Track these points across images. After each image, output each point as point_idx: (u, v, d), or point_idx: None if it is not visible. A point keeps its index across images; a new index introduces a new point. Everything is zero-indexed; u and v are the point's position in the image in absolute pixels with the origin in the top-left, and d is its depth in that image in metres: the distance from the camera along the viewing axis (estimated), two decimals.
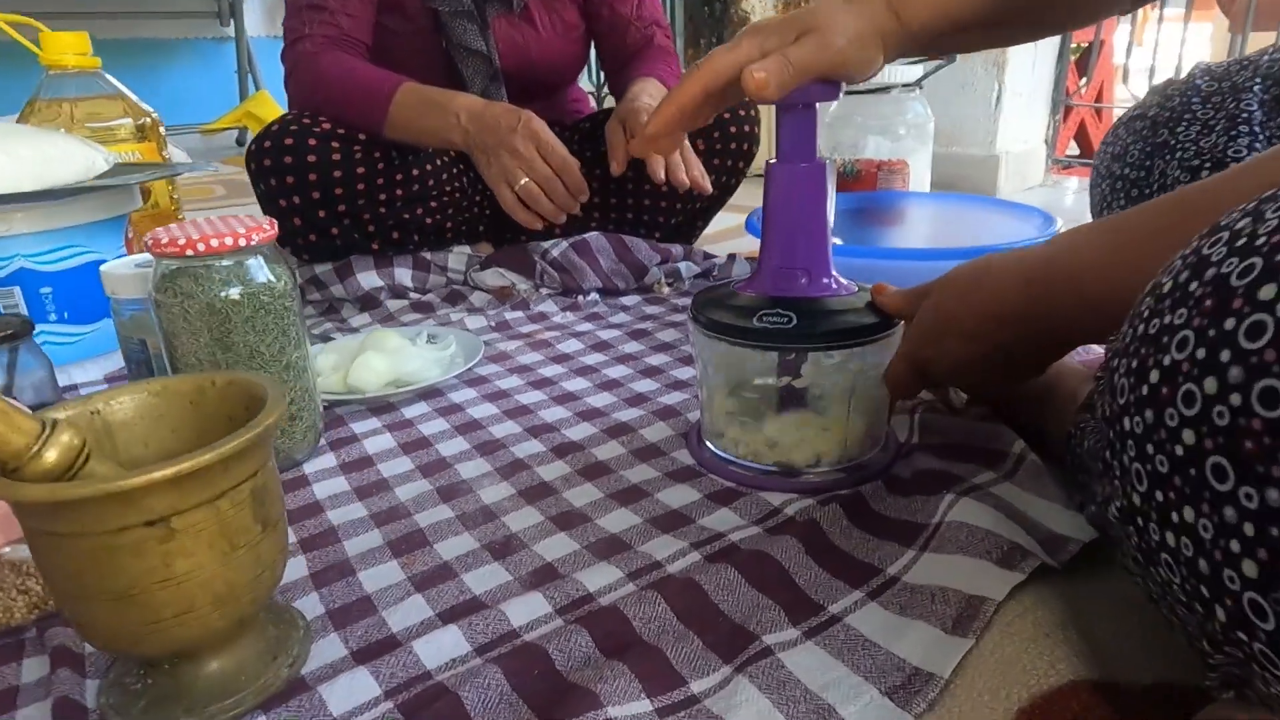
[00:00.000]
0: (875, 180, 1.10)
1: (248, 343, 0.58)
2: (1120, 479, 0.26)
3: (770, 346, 0.54)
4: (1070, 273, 0.40)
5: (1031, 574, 0.43)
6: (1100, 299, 0.38)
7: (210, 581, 0.37)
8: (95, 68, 0.98)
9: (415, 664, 0.42)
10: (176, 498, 0.35)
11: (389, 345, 0.79)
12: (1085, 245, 0.40)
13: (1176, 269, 0.26)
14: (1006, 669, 0.37)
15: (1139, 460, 0.25)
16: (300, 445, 0.63)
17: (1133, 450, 0.25)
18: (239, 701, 0.39)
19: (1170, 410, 0.23)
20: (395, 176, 0.99)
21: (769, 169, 0.56)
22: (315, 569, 0.50)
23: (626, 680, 0.39)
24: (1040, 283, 0.42)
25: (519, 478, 0.60)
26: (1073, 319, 0.41)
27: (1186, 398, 0.23)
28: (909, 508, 0.52)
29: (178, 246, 0.55)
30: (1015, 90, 1.65)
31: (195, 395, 0.43)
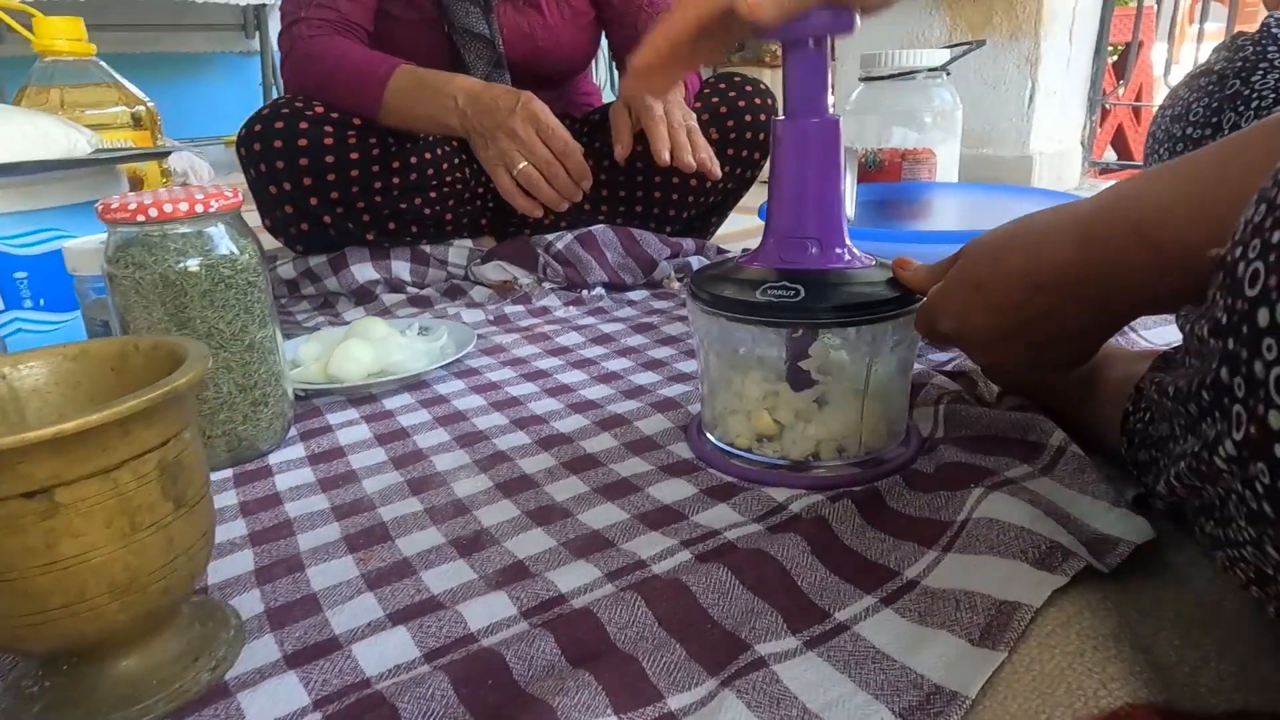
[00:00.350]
0: (899, 171, 1.04)
1: (205, 319, 0.54)
2: (1245, 400, 0.20)
3: (775, 322, 0.48)
4: (1135, 222, 0.33)
5: (1079, 579, 0.37)
6: (1175, 248, 0.31)
7: (105, 567, 0.31)
8: (89, 54, 0.95)
9: (353, 670, 0.36)
10: (60, 465, 0.30)
11: (375, 334, 0.74)
12: (1149, 191, 0.34)
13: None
14: (1047, 688, 0.31)
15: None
16: (265, 434, 0.58)
17: (1273, 349, 0.19)
18: (147, 709, 0.34)
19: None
20: (391, 164, 0.95)
21: (775, 127, 0.51)
22: (261, 564, 0.45)
23: (591, 693, 0.33)
24: (1097, 238, 0.35)
25: (498, 470, 0.54)
26: (1138, 279, 0.34)
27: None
28: (931, 505, 0.46)
29: (128, 211, 0.51)
30: (1049, 89, 1.58)
31: (118, 361, 0.39)
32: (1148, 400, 0.41)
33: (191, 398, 0.35)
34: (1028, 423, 0.50)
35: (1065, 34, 1.58)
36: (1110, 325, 0.39)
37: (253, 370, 0.56)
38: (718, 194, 1.09)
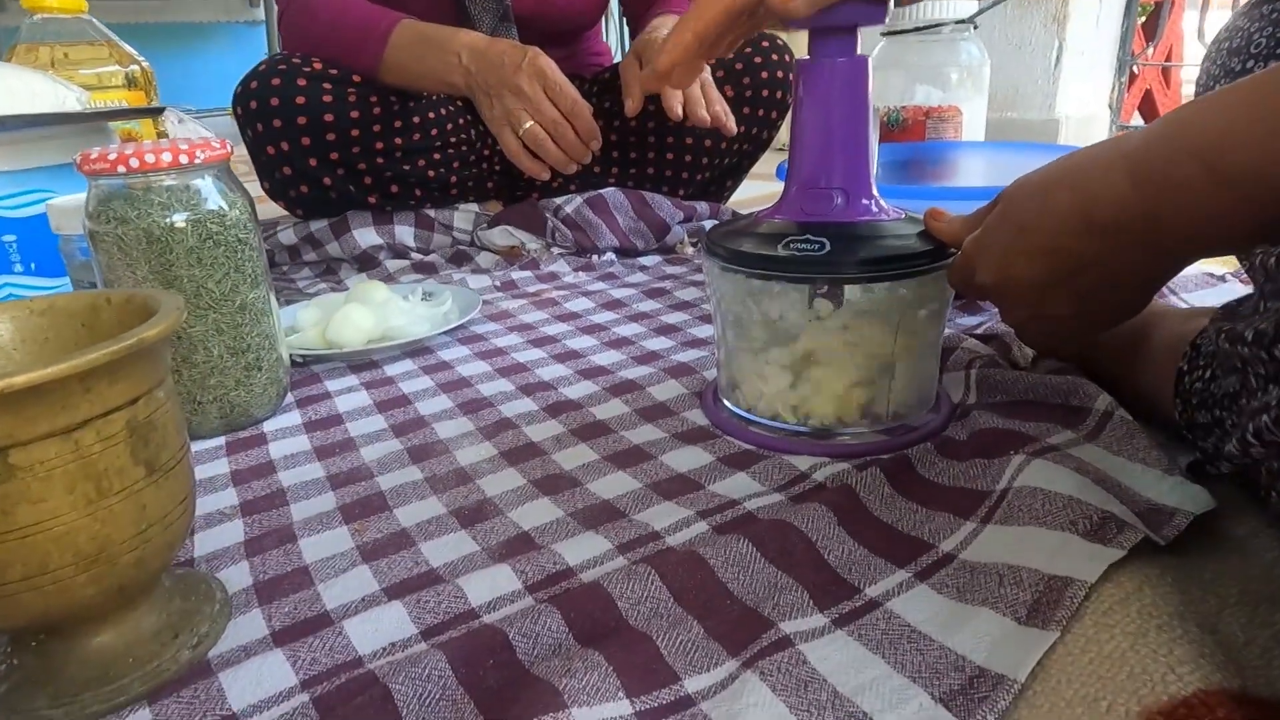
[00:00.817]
0: (923, 130, 0.99)
1: (193, 278, 0.51)
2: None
3: (797, 278, 0.45)
4: (1198, 150, 0.30)
5: (1134, 553, 0.33)
6: (1248, 179, 0.28)
7: (69, 536, 0.29)
8: (80, 11, 0.92)
9: (344, 648, 0.33)
10: (13, 424, 0.27)
11: (375, 298, 0.71)
12: (1213, 116, 0.30)
13: None
14: (1106, 672, 0.28)
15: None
16: (260, 401, 0.56)
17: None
18: (120, 689, 0.32)
19: None
20: (394, 124, 0.92)
21: (799, 67, 0.47)
22: (251, 535, 0.42)
23: (601, 674, 0.30)
24: (1155, 170, 0.31)
25: (502, 438, 0.52)
26: (1201, 215, 0.30)
27: None
28: (967, 473, 0.42)
29: (108, 162, 0.48)
30: (1077, 49, 1.52)
31: (88, 316, 0.36)
32: (1208, 356, 0.38)
33: (164, 352, 0.32)
34: (1069, 386, 0.47)
35: None
36: (1166, 271, 0.35)
37: (245, 333, 0.54)
38: (733, 155, 1.05)
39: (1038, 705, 0.28)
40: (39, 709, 0.31)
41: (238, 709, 0.31)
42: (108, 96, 0.91)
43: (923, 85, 0.99)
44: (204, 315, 0.52)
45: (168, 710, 0.31)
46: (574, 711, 0.28)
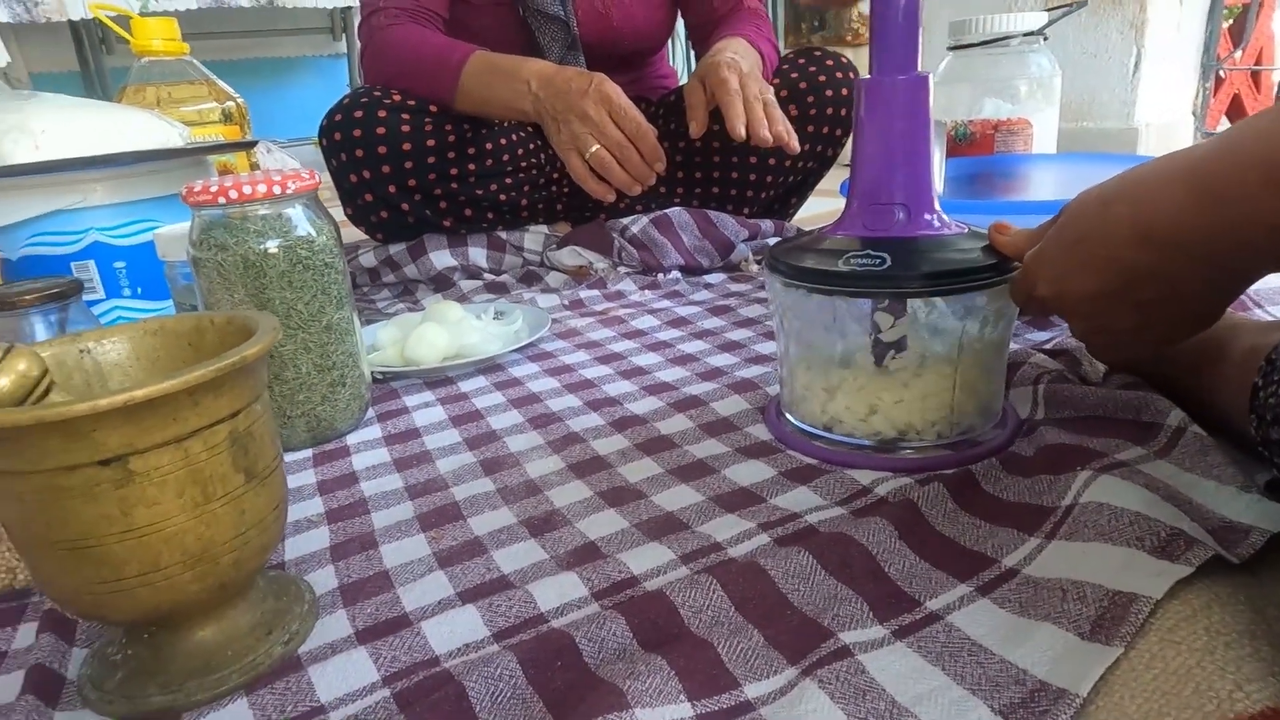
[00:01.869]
0: (991, 144, 0.98)
1: (284, 300, 0.54)
2: None
3: (858, 292, 0.46)
4: (1264, 163, 0.29)
5: (1205, 570, 0.33)
6: None
7: (179, 536, 0.32)
8: (183, 53, 0.99)
9: (422, 647, 0.36)
10: (133, 433, 0.30)
11: (450, 318, 0.74)
12: (1277, 127, 0.30)
13: None
14: (1171, 688, 0.28)
15: None
16: (344, 415, 0.59)
17: None
18: (222, 679, 0.34)
19: None
20: (468, 150, 0.96)
21: (859, 85, 0.48)
22: (337, 541, 0.45)
23: (664, 678, 0.31)
24: (1216, 183, 0.31)
25: (570, 451, 0.53)
26: (1265, 231, 0.30)
27: None
28: (1032, 489, 0.42)
29: (210, 194, 0.52)
30: (1157, 55, 1.47)
31: (194, 336, 0.39)
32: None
33: (262, 369, 0.35)
34: (1140, 401, 0.46)
35: None
36: (1232, 287, 0.35)
37: (330, 351, 0.57)
38: (797, 173, 1.05)
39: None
40: (150, 695, 0.34)
41: (325, 701, 0.33)
42: (206, 131, 0.98)
43: (991, 98, 0.97)
44: (294, 335, 0.55)
45: (263, 700, 0.33)
46: (637, 712, 0.29)
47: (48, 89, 0.86)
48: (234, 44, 2.99)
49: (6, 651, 0.38)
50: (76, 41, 2.45)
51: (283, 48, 3.25)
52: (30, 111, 0.75)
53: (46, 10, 2.03)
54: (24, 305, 0.55)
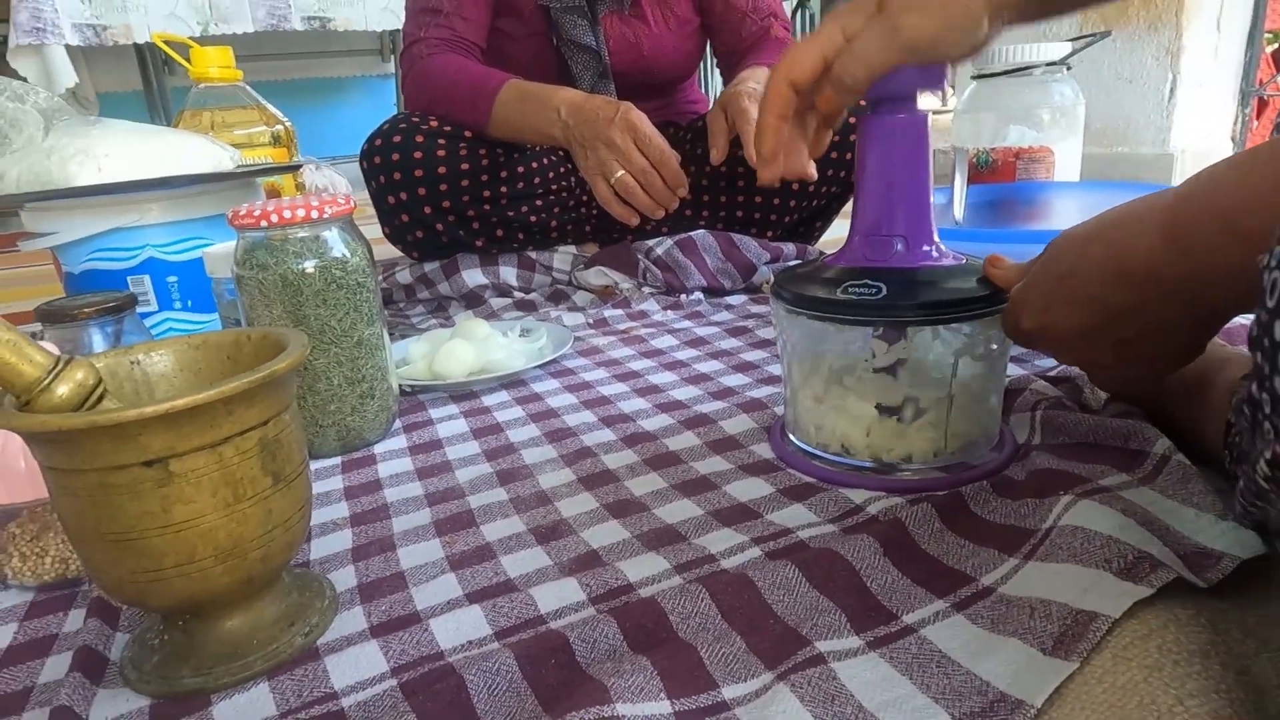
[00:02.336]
0: (1013, 171, 0.99)
1: (319, 317, 0.58)
2: (1271, 416, 0.19)
3: (855, 320, 0.48)
4: (1221, 210, 0.31)
5: (1170, 593, 0.34)
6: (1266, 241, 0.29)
7: (211, 532, 0.35)
8: (237, 80, 1.05)
9: (429, 642, 0.38)
10: (174, 438, 0.33)
11: (478, 334, 0.77)
12: (1238, 176, 0.32)
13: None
14: (1117, 701, 0.29)
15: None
16: (372, 426, 0.62)
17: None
18: (246, 665, 0.37)
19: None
20: (500, 174, 1.00)
21: (860, 122, 0.50)
22: (359, 543, 0.48)
23: (646, 677, 0.34)
24: (1181, 227, 0.33)
25: (581, 465, 0.56)
26: (1228, 272, 0.32)
27: None
28: (1017, 512, 0.44)
29: (253, 218, 0.56)
30: (1193, 81, 1.46)
31: (233, 350, 0.43)
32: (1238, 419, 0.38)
33: (291, 382, 0.39)
34: (1130, 430, 0.47)
35: (1212, 22, 1.46)
36: (1208, 324, 0.36)
37: (361, 365, 0.61)
38: (821, 199, 1.07)
39: None
40: (183, 677, 0.37)
41: (339, 688, 0.36)
42: (256, 154, 1.03)
43: (1015, 125, 0.99)
44: (327, 349, 0.59)
45: (283, 685, 0.36)
46: (619, 706, 0.32)
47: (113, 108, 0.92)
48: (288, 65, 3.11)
49: (58, 634, 0.42)
50: (141, 63, 2.58)
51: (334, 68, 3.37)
52: (95, 137, 0.81)
53: (114, 35, 2.14)
54: (83, 318, 0.60)
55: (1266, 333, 0.19)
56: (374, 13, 2.54)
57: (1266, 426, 0.20)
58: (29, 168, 0.77)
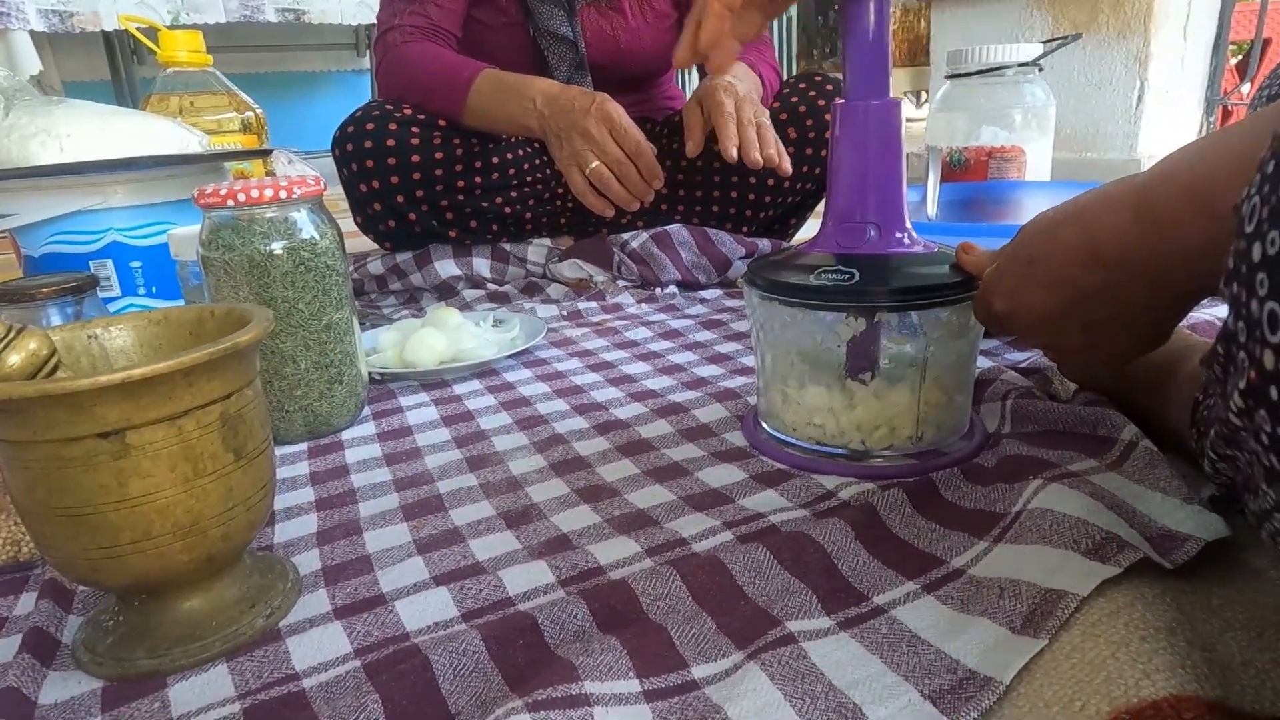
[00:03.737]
0: (985, 170, 1.00)
1: (286, 299, 0.57)
2: (1246, 344, 0.19)
3: (827, 305, 0.48)
4: (1191, 188, 0.31)
5: (1137, 573, 0.34)
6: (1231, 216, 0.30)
7: (170, 508, 0.34)
8: (206, 65, 1.03)
9: (394, 624, 0.38)
10: (130, 409, 0.32)
11: (449, 323, 0.77)
12: (1208, 154, 0.32)
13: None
14: (1085, 676, 0.29)
15: (1273, 293, 0.17)
16: (340, 412, 0.61)
17: (1264, 286, 0.18)
18: (205, 647, 0.36)
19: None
20: (474, 164, 0.99)
21: (834, 109, 0.50)
22: (324, 527, 0.47)
23: (615, 656, 0.33)
24: (1152, 206, 0.33)
25: (553, 451, 0.56)
26: (1196, 251, 0.32)
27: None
28: (987, 497, 0.44)
29: (219, 197, 0.55)
30: (1160, 88, 1.49)
31: (195, 325, 0.42)
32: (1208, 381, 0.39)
33: (254, 356, 0.38)
34: (1097, 417, 0.47)
35: (1179, 31, 1.49)
36: (1175, 306, 0.37)
37: (329, 349, 0.60)
38: (796, 194, 1.08)
39: (1019, 705, 0.30)
40: (138, 659, 0.36)
41: (300, 669, 0.35)
42: (225, 140, 1.01)
43: (988, 126, 1.00)
44: (294, 332, 0.58)
45: (242, 667, 0.36)
46: (587, 684, 0.31)
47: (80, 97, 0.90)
48: (261, 58, 3.07)
49: (7, 617, 0.41)
50: (109, 51, 2.53)
51: (308, 62, 3.32)
52: (58, 116, 0.79)
53: (81, 21, 2.10)
54: (41, 297, 0.58)
55: (1244, 259, 0.19)
56: (349, 6, 2.52)
57: (1241, 356, 0.20)
58: None
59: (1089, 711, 0.28)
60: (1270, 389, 0.18)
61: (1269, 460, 0.20)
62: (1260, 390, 0.19)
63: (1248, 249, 0.19)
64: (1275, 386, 0.18)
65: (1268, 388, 0.18)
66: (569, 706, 0.30)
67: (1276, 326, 0.18)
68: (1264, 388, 0.19)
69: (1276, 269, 0.18)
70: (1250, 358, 0.19)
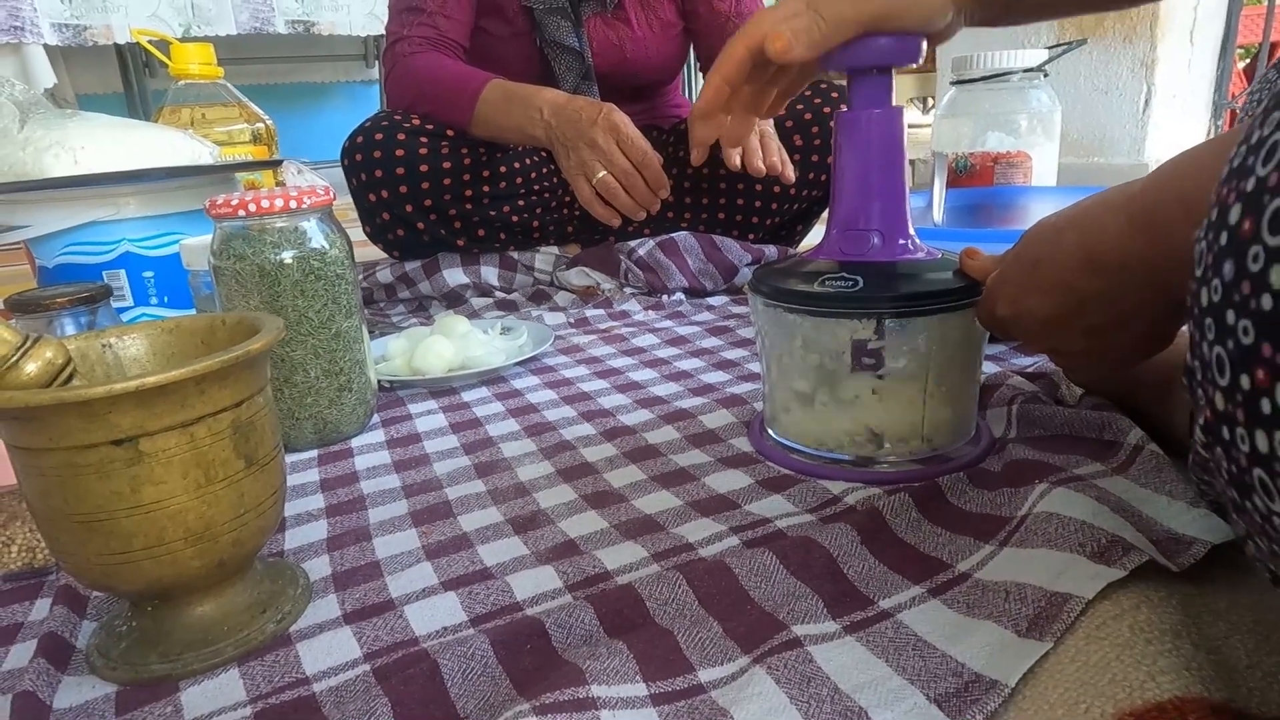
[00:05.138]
0: (991, 175, 1.00)
1: (296, 308, 0.58)
2: (1202, 383, 0.19)
3: (831, 313, 0.48)
4: (1184, 196, 0.32)
5: (1142, 577, 0.34)
6: None
7: (181, 514, 0.34)
8: (217, 77, 1.04)
9: (404, 628, 0.38)
10: (144, 416, 0.33)
11: (457, 331, 0.77)
12: (1201, 162, 0.32)
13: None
14: (1090, 678, 0.29)
15: (1219, 339, 0.18)
16: (349, 419, 0.62)
17: (1211, 330, 0.18)
18: (217, 651, 0.37)
19: (1255, 249, 0.16)
20: (482, 173, 1.00)
21: (837, 119, 0.51)
22: (334, 533, 0.48)
23: (622, 660, 0.33)
24: (1149, 212, 0.34)
25: (561, 458, 0.56)
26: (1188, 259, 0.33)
27: (1274, 222, 0.16)
28: (993, 501, 0.44)
29: (230, 207, 0.55)
30: (1168, 93, 1.49)
31: (206, 334, 0.42)
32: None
33: (264, 364, 0.38)
34: (1104, 421, 0.48)
35: (1185, 35, 1.49)
36: (1175, 310, 0.37)
37: (338, 357, 0.60)
38: (803, 202, 1.08)
39: (1025, 708, 0.30)
40: (150, 664, 0.36)
41: (310, 673, 0.36)
42: (236, 151, 1.02)
43: (994, 132, 1.00)
44: (304, 341, 0.58)
45: (253, 671, 0.36)
46: (594, 688, 0.32)
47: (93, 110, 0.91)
48: (271, 69, 3.09)
49: (23, 623, 0.41)
50: (121, 64, 2.55)
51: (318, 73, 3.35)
52: (71, 129, 0.80)
53: (94, 35, 2.13)
54: (56, 307, 0.59)
55: (1195, 301, 0.20)
56: (358, 17, 2.54)
57: (1200, 393, 0.20)
58: (2, 159, 0.76)
59: (1094, 714, 0.28)
60: (1223, 428, 0.19)
61: (1231, 494, 0.20)
62: (1215, 429, 0.19)
63: (1198, 291, 0.19)
64: (1227, 426, 0.19)
65: (1220, 427, 0.19)
66: (576, 710, 0.30)
67: (1223, 370, 0.18)
68: (1218, 427, 0.19)
69: (1220, 316, 0.19)
70: (1206, 396, 0.19)
